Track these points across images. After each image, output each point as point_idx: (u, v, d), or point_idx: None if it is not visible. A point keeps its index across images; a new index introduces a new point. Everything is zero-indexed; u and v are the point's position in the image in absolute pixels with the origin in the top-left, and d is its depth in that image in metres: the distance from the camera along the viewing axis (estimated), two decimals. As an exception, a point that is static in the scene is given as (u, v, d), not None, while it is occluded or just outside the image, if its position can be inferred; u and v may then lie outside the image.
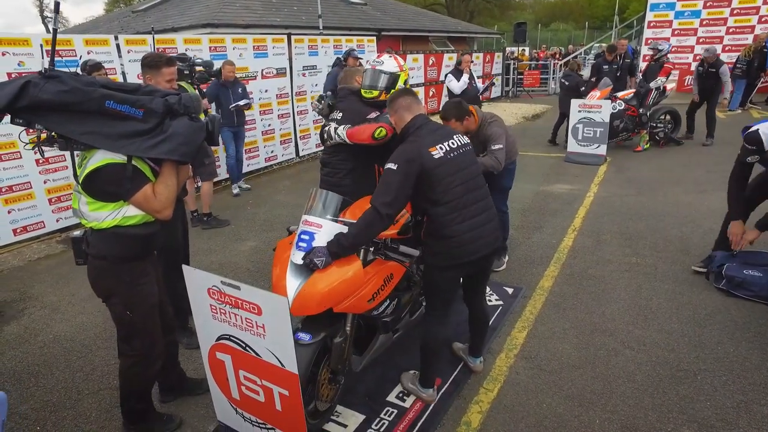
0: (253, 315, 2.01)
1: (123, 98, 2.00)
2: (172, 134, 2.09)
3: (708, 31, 13.47)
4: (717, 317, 3.48)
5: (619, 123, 8.19)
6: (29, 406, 2.84)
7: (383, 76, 3.13)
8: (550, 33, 36.42)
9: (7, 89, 1.82)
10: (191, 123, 2.18)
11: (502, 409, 2.70)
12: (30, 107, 1.86)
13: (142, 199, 2.10)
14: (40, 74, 1.89)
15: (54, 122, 1.92)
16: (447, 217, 2.37)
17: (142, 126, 2.04)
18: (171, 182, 2.20)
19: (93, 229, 2.16)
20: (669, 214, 5.49)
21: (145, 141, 2.04)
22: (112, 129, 1.99)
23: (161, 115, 2.09)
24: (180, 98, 2.15)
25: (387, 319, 2.73)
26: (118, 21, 17.13)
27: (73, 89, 1.89)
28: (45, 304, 4.07)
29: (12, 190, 5.14)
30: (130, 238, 2.17)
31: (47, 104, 1.86)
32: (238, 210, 6.33)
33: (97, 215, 2.12)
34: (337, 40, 9.55)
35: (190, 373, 2.98)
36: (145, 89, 2.17)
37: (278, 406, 2.13)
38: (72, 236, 2.31)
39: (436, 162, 2.33)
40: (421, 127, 2.44)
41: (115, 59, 5.93)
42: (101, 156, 2.02)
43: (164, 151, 2.08)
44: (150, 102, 2.07)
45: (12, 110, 1.86)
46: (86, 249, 2.24)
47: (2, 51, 4.88)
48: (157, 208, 2.15)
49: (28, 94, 1.82)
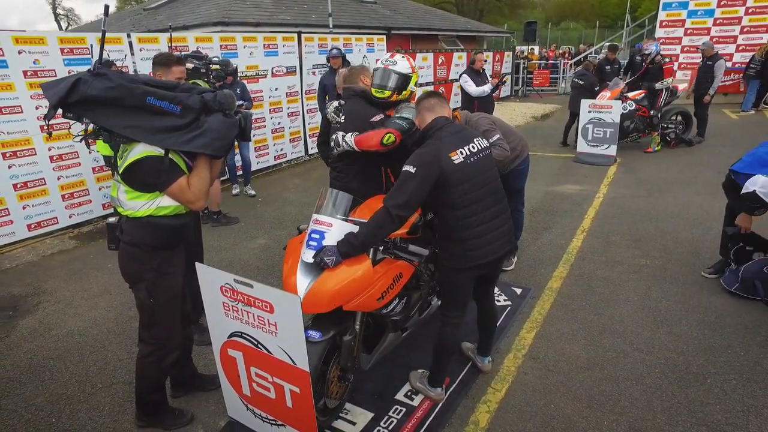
0: (265, 313, 2.03)
1: (163, 95, 2.11)
2: (207, 130, 2.20)
3: (721, 31, 13.24)
4: (727, 320, 3.46)
5: (630, 123, 8.14)
6: (44, 398, 2.90)
7: (394, 76, 3.07)
8: (561, 32, 36.18)
9: (61, 86, 1.96)
10: (225, 119, 2.28)
11: (510, 408, 2.71)
12: (80, 102, 1.98)
13: (177, 190, 2.21)
14: (89, 72, 2.02)
15: (100, 116, 2.05)
16: (464, 220, 2.38)
17: (179, 121, 2.16)
18: (205, 175, 2.30)
19: (128, 217, 2.26)
20: (679, 216, 5.46)
21: (182, 135, 2.16)
22: (152, 123, 2.11)
23: (197, 112, 2.20)
24: (215, 95, 2.27)
25: (396, 317, 2.74)
26: (129, 19, 17.27)
27: (119, 86, 2.02)
28: (58, 299, 4.14)
29: (26, 186, 5.22)
30: (162, 227, 2.27)
31: (95, 100, 1.99)
32: (248, 208, 6.37)
33: (133, 204, 2.22)
34: (347, 39, 9.57)
35: (201, 369, 3.02)
36: (183, 86, 2.29)
37: (289, 403, 2.16)
38: (108, 222, 2.44)
39: (455, 167, 2.33)
40: (441, 129, 2.43)
41: (128, 57, 5.99)
42: (141, 149, 2.13)
43: (199, 146, 2.19)
44: (187, 99, 2.18)
45: (64, 105, 1.98)
46: (119, 235, 2.35)
47: (19, 50, 4.95)
48: (191, 199, 2.26)
49: (79, 90, 1.96)
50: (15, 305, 4.05)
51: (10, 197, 5.10)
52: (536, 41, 20.75)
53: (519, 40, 22.12)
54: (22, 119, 5.08)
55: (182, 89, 2.25)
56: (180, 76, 3.06)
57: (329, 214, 2.54)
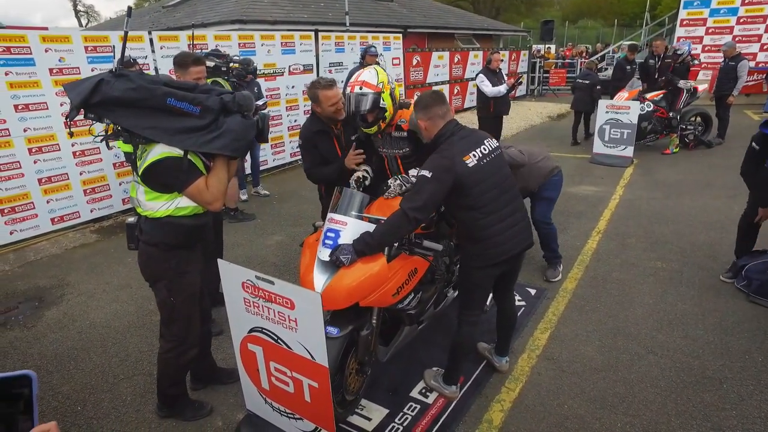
0: (285, 309, 2.08)
1: (182, 96, 2.13)
2: (225, 131, 2.22)
3: (745, 30, 12.91)
4: (745, 325, 3.43)
5: (647, 125, 8.05)
6: (70, 387, 3.00)
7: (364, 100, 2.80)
8: (578, 30, 35.76)
9: (83, 86, 1.98)
10: (243, 120, 2.31)
11: (523, 408, 2.74)
12: (102, 103, 2.00)
13: (195, 191, 2.24)
14: (111, 72, 2.03)
15: (121, 117, 2.07)
16: (482, 220, 2.44)
17: (198, 122, 2.18)
18: (223, 176, 2.33)
19: (147, 217, 2.29)
20: (696, 219, 5.40)
21: (201, 136, 2.18)
22: (172, 124, 2.13)
23: (216, 113, 2.22)
24: (234, 97, 2.28)
25: (411, 311, 2.79)
26: (149, 16, 17.51)
27: (139, 87, 2.04)
28: (81, 291, 4.25)
29: (50, 181, 5.36)
30: (180, 227, 2.30)
31: (116, 100, 2.01)
32: (264, 205, 6.46)
33: (152, 204, 2.25)
34: (363, 37, 9.61)
35: (219, 362, 3.09)
36: (202, 87, 2.31)
37: (307, 397, 2.21)
38: (127, 222, 2.46)
39: (470, 170, 2.38)
40: (453, 135, 2.48)
41: (149, 54, 6.11)
42: (160, 149, 2.16)
43: (218, 147, 2.21)
44: (206, 100, 2.20)
45: (86, 105, 2.00)
46: (139, 235, 2.38)
47: (45, 48, 5.08)
48: (208, 200, 2.28)
49: (101, 91, 1.98)
50: (41, 296, 4.17)
51: (35, 191, 5.24)
52: (553, 40, 20.56)
53: (536, 38, 21.93)
54: (47, 116, 5.22)
55: (201, 90, 2.27)
56: (197, 77, 3.08)
57: (344, 212, 2.59)
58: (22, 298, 4.16)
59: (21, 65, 4.96)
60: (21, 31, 4.99)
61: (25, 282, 4.47)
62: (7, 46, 4.84)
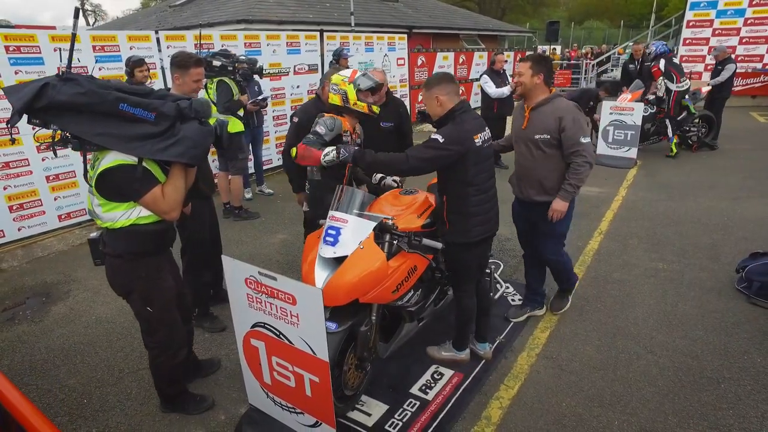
0: (287, 305, 2.13)
1: (136, 101, 2.04)
2: (182, 138, 2.15)
3: (752, 31, 12.80)
4: (744, 326, 3.45)
5: (651, 126, 8.05)
6: (76, 380, 3.06)
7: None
8: (584, 31, 35.65)
9: (26, 90, 1.88)
10: (201, 127, 2.25)
11: (522, 405, 2.77)
12: (47, 108, 1.90)
13: (150, 200, 2.16)
14: (58, 76, 1.93)
15: (70, 123, 1.97)
16: (475, 196, 2.69)
17: (153, 129, 2.10)
18: (179, 184, 2.25)
19: (108, 228, 2.22)
20: (699, 221, 5.41)
21: (156, 143, 2.09)
22: (125, 131, 2.04)
23: (173, 119, 2.15)
24: (191, 103, 2.22)
25: (411, 308, 2.84)
26: (155, 16, 17.63)
27: (89, 92, 1.93)
28: (87, 287, 4.32)
29: (58, 179, 5.43)
30: (144, 234, 2.23)
31: (63, 105, 1.91)
32: (268, 203, 6.51)
33: (111, 216, 2.18)
34: (368, 37, 9.65)
35: (222, 357, 3.16)
36: (158, 93, 2.23)
37: (308, 391, 2.25)
38: (90, 238, 2.38)
39: (477, 148, 2.61)
40: (466, 112, 2.65)
41: (155, 54, 6.17)
42: (113, 157, 2.07)
43: (174, 154, 2.14)
44: (162, 106, 2.12)
45: (30, 110, 1.91)
46: (103, 249, 2.31)
47: (54, 47, 5.15)
48: (165, 209, 2.20)
49: (46, 95, 1.87)
50: (48, 292, 4.24)
51: (43, 189, 5.31)
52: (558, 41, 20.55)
53: (541, 39, 21.91)
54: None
55: (156, 96, 2.18)
56: (198, 78, 3.02)
57: (345, 210, 2.65)
58: (30, 294, 4.23)
59: (31, 64, 5.03)
60: (31, 31, 5.07)
61: (33, 278, 4.54)
62: (18, 45, 4.91)
